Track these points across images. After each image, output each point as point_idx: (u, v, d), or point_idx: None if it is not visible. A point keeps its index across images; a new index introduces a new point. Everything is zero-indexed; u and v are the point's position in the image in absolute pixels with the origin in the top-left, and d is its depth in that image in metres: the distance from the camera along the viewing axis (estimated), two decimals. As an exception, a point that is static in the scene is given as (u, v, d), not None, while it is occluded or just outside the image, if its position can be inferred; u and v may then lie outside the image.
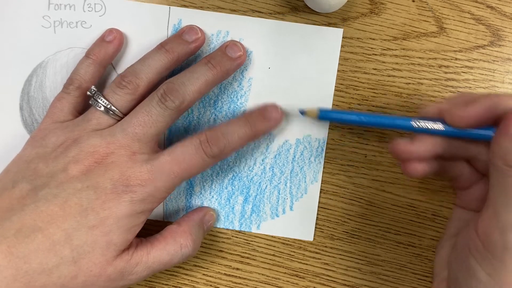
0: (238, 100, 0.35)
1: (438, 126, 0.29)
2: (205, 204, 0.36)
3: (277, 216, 0.36)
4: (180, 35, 0.33)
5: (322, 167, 0.35)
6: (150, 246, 0.31)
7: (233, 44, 0.33)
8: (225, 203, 0.36)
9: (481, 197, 0.30)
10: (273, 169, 0.36)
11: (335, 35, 0.35)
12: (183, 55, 0.33)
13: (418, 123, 0.29)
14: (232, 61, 0.33)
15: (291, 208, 0.36)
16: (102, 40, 0.34)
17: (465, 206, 0.31)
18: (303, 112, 0.34)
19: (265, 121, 0.33)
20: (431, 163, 0.30)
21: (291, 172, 0.35)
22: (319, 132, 0.35)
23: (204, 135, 0.31)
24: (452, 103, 0.29)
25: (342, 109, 0.35)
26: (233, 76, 0.35)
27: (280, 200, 0.36)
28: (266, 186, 0.36)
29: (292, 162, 0.35)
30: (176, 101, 0.30)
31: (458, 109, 0.28)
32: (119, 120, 0.31)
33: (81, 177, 0.29)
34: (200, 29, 0.34)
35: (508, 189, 0.25)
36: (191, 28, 0.33)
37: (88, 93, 0.31)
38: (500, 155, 0.25)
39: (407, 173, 0.30)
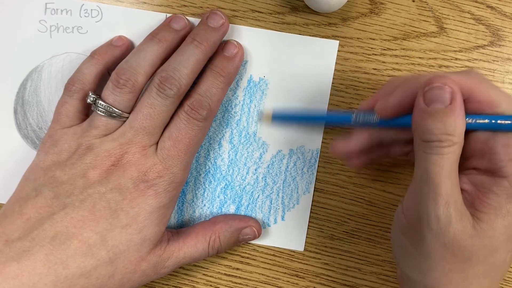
0: (232, 109, 0.35)
1: (374, 118, 0.29)
2: (196, 213, 0.36)
3: (269, 225, 0.36)
4: (168, 24, 0.33)
5: (315, 178, 0.35)
6: (182, 242, 0.32)
7: (213, 13, 0.33)
8: (217, 211, 0.36)
9: None
10: (265, 179, 0.36)
11: (331, 47, 0.35)
12: (175, 44, 0.33)
13: (356, 117, 0.30)
14: (216, 32, 0.33)
15: (282, 218, 0.36)
16: (109, 43, 0.34)
17: None
18: (260, 118, 0.35)
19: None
20: (371, 154, 0.31)
21: (283, 182, 0.35)
22: (313, 143, 0.35)
23: (186, 105, 0.31)
24: (380, 94, 0.30)
25: (301, 110, 0.35)
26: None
27: (272, 210, 0.36)
28: (259, 195, 0.36)
29: (285, 172, 0.35)
30: (174, 88, 0.30)
31: (382, 100, 0.28)
32: (125, 120, 0.31)
33: (102, 181, 0.30)
34: (187, 18, 0.34)
35: (423, 164, 0.25)
36: (178, 17, 0.34)
37: (88, 101, 0.31)
38: (416, 131, 0.25)
39: (352, 168, 0.32)
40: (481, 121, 0.26)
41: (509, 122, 0.25)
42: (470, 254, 0.25)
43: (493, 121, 0.25)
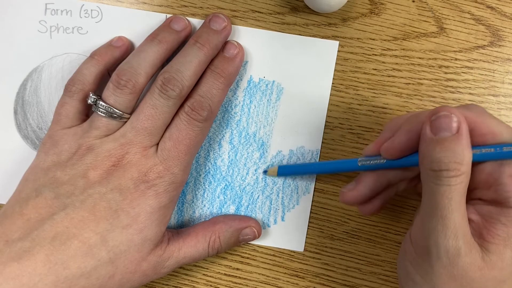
0: (232, 109, 0.35)
1: (380, 160, 0.30)
2: (196, 213, 0.36)
3: (269, 226, 0.36)
4: (168, 24, 0.33)
5: (315, 179, 0.35)
6: (182, 242, 0.32)
7: (216, 16, 0.33)
8: (217, 212, 0.36)
9: None
10: (265, 180, 0.36)
11: (331, 47, 0.35)
12: (175, 44, 0.33)
13: (362, 162, 0.30)
14: (218, 35, 0.33)
15: (282, 219, 0.36)
16: (109, 44, 0.34)
17: None
18: (265, 172, 0.35)
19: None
20: (382, 196, 0.31)
21: (283, 183, 0.36)
22: (313, 144, 0.35)
23: (187, 106, 0.31)
24: (384, 136, 0.30)
25: (300, 162, 0.35)
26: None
27: (272, 210, 0.36)
28: (258, 196, 0.36)
29: None
30: (176, 89, 0.31)
31: (387, 143, 0.29)
32: (126, 121, 0.31)
33: (103, 181, 0.30)
34: (187, 19, 0.34)
35: (431, 195, 0.25)
36: (178, 18, 0.34)
37: (89, 101, 0.31)
38: (424, 162, 0.25)
39: (366, 214, 0.32)
40: (487, 150, 0.26)
41: None
42: (479, 286, 0.25)
43: (498, 149, 0.25)
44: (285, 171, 0.35)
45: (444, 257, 0.24)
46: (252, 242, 0.36)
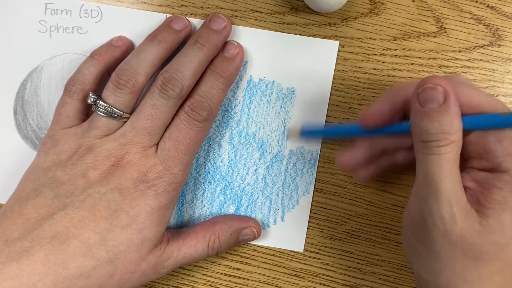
0: (232, 109, 0.35)
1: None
2: (196, 214, 0.36)
3: (268, 226, 0.36)
4: (168, 24, 0.33)
5: (315, 179, 0.35)
6: (181, 242, 0.32)
7: (216, 16, 0.33)
8: (217, 212, 0.36)
9: None
10: (265, 180, 0.36)
11: (331, 47, 0.35)
12: (175, 44, 0.33)
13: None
14: (218, 34, 0.33)
15: (282, 219, 0.36)
16: (109, 44, 0.34)
17: None
18: (288, 135, 0.35)
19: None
20: (377, 163, 0.31)
21: (283, 183, 0.35)
22: (312, 144, 0.35)
23: (187, 106, 0.31)
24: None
25: (328, 122, 0.35)
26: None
27: (271, 210, 0.36)
28: (258, 196, 0.36)
29: (284, 173, 0.35)
30: (176, 89, 0.30)
31: (364, 109, 0.29)
32: (126, 120, 0.31)
33: (103, 181, 0.30)
34: (187, 19, 0.34)
35: (423, 165, 0.25)
36: (178, 18, 0.34)
37: (89, 101, 0.31)
38: (415, 133, 0.26)
39: (361, 181, 0.32)
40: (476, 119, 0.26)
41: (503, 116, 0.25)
42: (481, 252, 0.25)
43: (489, 119, 0.26)
44: (309, 132, 0.34)
45: (440, 224, 0.25)
46: (252, 242, 0.36)
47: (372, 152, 0.31)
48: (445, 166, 0.24)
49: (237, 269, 0.36)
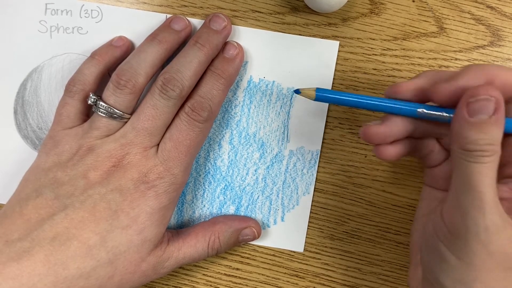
0: (232, 110, 0.35)
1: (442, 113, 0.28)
2: (196, 214, 0.36)
3: (268, 226, 0.36)
4: (168, 24, 0.33)
5: (315, 179, 0.35)
6: (181, 242, 0.32)
7: (216, 16, 0.33)
8: (217, 212, 0.36)
9: (449, 175, 0.29)
10: (265, 180, 0.36)
11: (331, 47, 0.35)
12: (175, 45, 0.33)
13: (423, 113, 0.28)
14: (218, 35, 0.33)
15: (282, 219, 0.36)
16: (110, 44, 0.34)
17: (434, 184, 0.31)
18: (298, 92, 0.30)
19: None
20: (403, 144, 0.30)
21: (283, 183, 0.36)
22: (313, 144, 0.35)
23: (187, 106, 0.31)
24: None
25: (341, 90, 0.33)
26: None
27: (271, 211, 0.36)
28: (258, 196, 0.36)
29: (284, 173, 0.35)
30: (176, 89, 0.30)
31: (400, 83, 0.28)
32: (126, 121, 0.31)
33: (103, 182, 0.30)
34: (187, 19, 0.34)
35: (465, 173, 0.25)
36: (179, 18, 0.34)
37: (89, 102, 0.31)
38: (457, 140, 0.25)
39: (382, 157, 0.29)
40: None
41: None
42: None
43: None
44: (325, 95, 0.30)
45: (483, 233, 0.24)
46: (252, 242, 0.36)
47: (404, 130, 0.29)
48: (489, 175, 0.24)
49: (237, 269, 0.36)
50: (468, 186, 0.24)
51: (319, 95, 0.30)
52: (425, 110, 0.28)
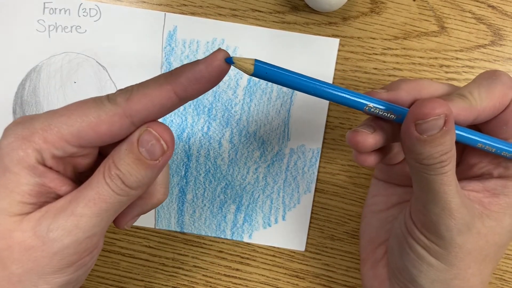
0: (232, 108, 0.35)
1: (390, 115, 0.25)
2: (196, 213, 0.36)
3: (269, 225, 0.36)
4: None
5: (316, 177, 0.35)
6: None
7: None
8: (217, 211, 0.36)
9: (407, 172, 0.30)
10: (266, 179, 0.35)
11: (331, 45, 0.34)
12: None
13: (370, 108, 0.25)
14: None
15: (283, 218, 0.36)
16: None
17: (393, 180, 0.31)
18: (231, 61, 0.22)
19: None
20: (382, 149, 0.28)
21: (284, 182, 0.35)
22: (313, 142, 0.35)
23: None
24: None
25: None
26: (227, 85, 0.35)
27: (272, 209, 0.36)
28: (259, 195, 0.35)
29: (285, 172, 0.35)
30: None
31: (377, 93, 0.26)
32: None
33: None
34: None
35: (427, 185, 0.25)
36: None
37: None
38: (411, 155, 0.24)
39: (364, 165, 0.28)
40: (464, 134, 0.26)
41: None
42: (486, 254, 0.26)
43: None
44: (264, 70, 0.23)
45: (458, 237, 0.25)
46: (253, 242, 0.36)
47: (390, 139, 0.27)
48: (452, 182, 0.24)
49: (237, 269, 0.36)
50: (434, 196, 0.24)
51: (258, 67, 0.23)
52: (372, 105, 0.25)
